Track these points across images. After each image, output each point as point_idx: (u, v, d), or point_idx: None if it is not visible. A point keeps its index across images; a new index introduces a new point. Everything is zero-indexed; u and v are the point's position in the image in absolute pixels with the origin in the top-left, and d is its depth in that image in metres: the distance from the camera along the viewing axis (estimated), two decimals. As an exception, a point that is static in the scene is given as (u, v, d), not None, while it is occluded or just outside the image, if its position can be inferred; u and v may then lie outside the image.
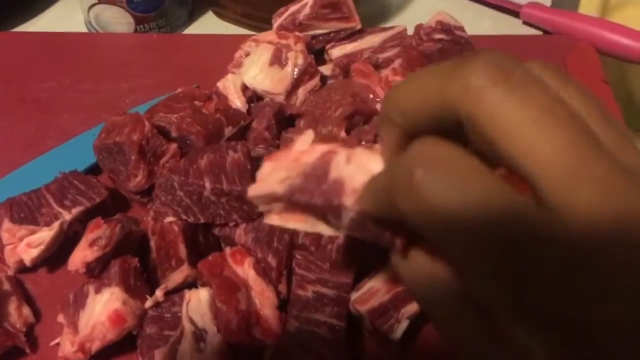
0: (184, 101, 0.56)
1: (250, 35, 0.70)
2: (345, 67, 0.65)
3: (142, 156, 0.51)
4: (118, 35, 0.75)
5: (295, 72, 0.60)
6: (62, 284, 0.53)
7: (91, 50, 0.73)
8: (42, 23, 0.81)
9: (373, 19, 0.79)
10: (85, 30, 0.79)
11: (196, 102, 0.57)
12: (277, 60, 0.61)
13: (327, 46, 0.68)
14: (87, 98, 0.68)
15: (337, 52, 0.67)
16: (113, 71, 0.71)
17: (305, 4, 0.66)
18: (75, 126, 0.64)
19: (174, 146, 0.53)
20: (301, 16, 0.66)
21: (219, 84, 0.62)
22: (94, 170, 0.59)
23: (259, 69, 0.61)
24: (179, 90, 0.60)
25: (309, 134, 0.33)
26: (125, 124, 0.51)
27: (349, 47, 0.67)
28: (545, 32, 0.76)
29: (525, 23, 0.77)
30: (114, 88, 0.69)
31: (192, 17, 0.81)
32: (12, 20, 0.80)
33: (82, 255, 0.46)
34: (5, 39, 0.74)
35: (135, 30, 0.75)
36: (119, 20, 0.73)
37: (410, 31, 0.68)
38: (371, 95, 0.61)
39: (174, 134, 0.53)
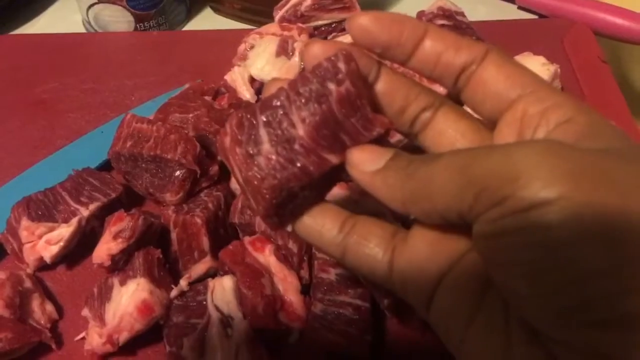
0: (196, 99, 0.56)
1: (250, 29, 0.71)
2: (348, 56, 0.66)
3: (189, 175, 0.52)
4: (118, 34, 0.75)
5: (302, 62, 0.60)
6: (81, 280, 0.53)
7: (92, 50, 0.73)
8: (40, 25, 0.81)
9: (372, 8, 0.80)
10: (83, 30, 0.79)
11: (206, 98, 0.57)
12: (283, 51, 0.62)
13: (329, 37, 0.69)
14: (92, 97, 0.68)
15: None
16: (116, 70, 0.71)
17: (307, -5, 0.67)
18: (82, 125, 0.64)
19: (215, 168, 0.54)
20: (303, 8, 0.67)
21: (227, 77, 0.62)
22: (104, 167, 0.59)
23: (265, 61, 0.62)
24: (187, 86, 0.60)
25: None
26: (174, 141, 0.52)
27: (349, 37, 0.67)
28: (541, 15, 0.77)
29: (520, 8, 0.78)
30: (118, 86, 0.69)
31: (190, 13, 0.81)
32: (8, 24, 0.79)
33: (106, 247, 0.47)
34: (4, 42, 0.74)
35: (135, 29, 0.75)
36: (118, 19, 0.73)
37: (410, 19, 0.69)
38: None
39: (191, 133, 0.53)
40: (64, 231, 0.51)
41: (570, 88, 0.64)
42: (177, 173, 0.52)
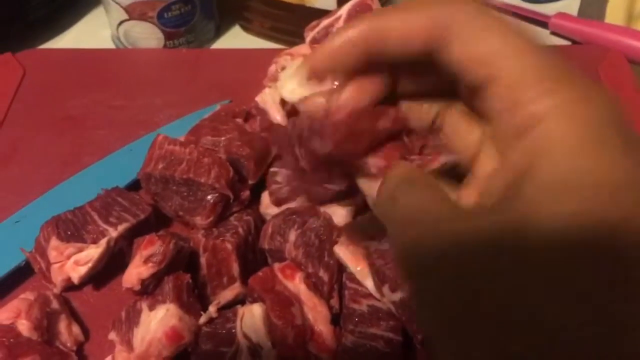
0: (227, 121, 0.56)
1: (280, 49, 0.70)
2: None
3: (221, 200, 0.52)
4: (148, 50, 0.75)
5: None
6: (108, 302, 0.53)
7: (121, 66, 0.73)
8: (68, 39, 0.81)
9: None
10: (112, 46, 0.79)
11: (238, 120, 0.57)
12: (315, 74, 0.61)
13: (360, 59, 0.68)
14: (121, 114, 0.67)
15: (371, 64, 0.66)
16: (145, 87, 0.70)
17: (339, 17, 0.66)
18: (111, 142, 0.64)
19: (246, 193, 0.53)
20: (335, 29, 0.66)
21: (258, 99, 0.62)
22: (133, 186, 0.59)
23: (297, 83, 0.61)
24: (217, 106, 0.59)
25: None
26: (207, 164, 0.51)
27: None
28: (574, 42, 0.76)
29: (552, 33, 0.77)
30: (147, 104, 0.68)
31: (219, 31, 0.81)
32: (37, 38, 0.80)
33: (137, 272, 0.46)
34: (33, 56, 0.74)
35: (165, 46, 0.75)
36: (148, 36, 0.73)
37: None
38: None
39: (222, 156, 0.53)
40: (93, 252, 0.51)
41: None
42: (209, 197, 0.51)
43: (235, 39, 0.80)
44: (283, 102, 0.62)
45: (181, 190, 0.53)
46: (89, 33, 0.81)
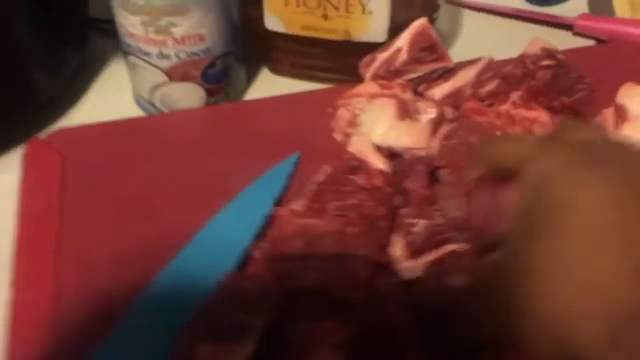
0: (347, 182, 0.52)
1: (330, 88, 0.69)
2: (452, 106, 0.64)
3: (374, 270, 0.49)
4: (194, 111, 0.69)
5: (432, 123, 0.58)
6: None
7: (169, 133, 0.66)
8: (84, 112, 0.73)
9: (461, 49, 0.80)
10: (135, 111, 0.72)
11: (352, 177, 0.53)
12: (406, 113, 0.59)
13: (420, 88, 0.67)
14: (187, 186, 0.61)
15: (438, 93, 0.65)
16: (201, 151, 0.64)
17: (399, 49, 0.65)
18: (189, 221, 0.56)
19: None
20: (398, 63, 0.64)
21: (352, 150, 0.58)
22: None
23: (388, 126, 0.59)
24: (326, 169, 0.54)
25: None
26: (353, 235, 0.48)
27: (446, 87, 0.66)
28: (599, 41, 0.79)
29: (576, 34, 0.80)
30: (211, 168, 0.63)
31: (250, 79, 0.76)
32: (49, 117, 0.71)
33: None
34: (66, 136, 0.66)
35: (206, 104, 0.69)
36: (190, 96, 0.68)
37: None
38: (497, 132, 0.61)
39: (355, 219, 0.49)
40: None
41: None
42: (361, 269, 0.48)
43: (266, 84, 0.76)
44: (378, 148, 0.59)
45: (323, 265, 0.49)
46: (105, 101, 0.74)
